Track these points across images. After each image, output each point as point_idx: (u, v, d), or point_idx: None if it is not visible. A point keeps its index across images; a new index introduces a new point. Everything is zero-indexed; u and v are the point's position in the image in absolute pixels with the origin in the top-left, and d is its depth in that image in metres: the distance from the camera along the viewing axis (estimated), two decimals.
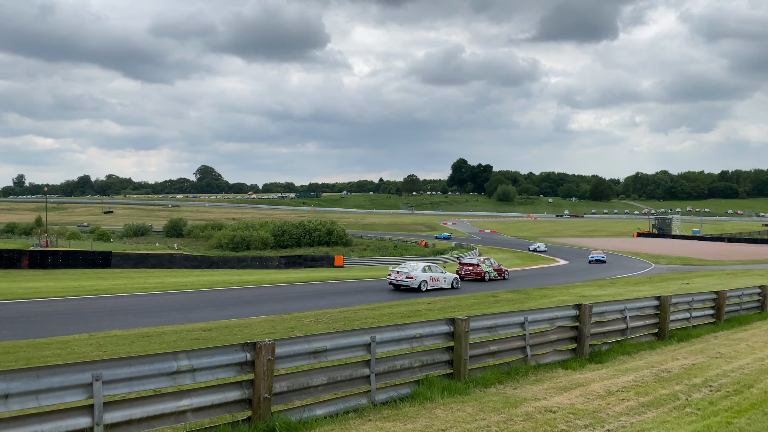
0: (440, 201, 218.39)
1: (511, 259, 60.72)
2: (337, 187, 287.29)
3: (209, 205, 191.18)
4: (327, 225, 79.53)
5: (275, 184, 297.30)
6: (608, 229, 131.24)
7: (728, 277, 33.58)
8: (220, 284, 28.85)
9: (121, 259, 42.70)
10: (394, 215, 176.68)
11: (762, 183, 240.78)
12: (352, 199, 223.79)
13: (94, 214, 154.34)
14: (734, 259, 59.33)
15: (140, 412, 5.55)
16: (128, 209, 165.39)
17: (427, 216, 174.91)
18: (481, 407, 7.10)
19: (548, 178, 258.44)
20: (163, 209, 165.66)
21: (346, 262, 51.09)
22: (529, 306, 18.83)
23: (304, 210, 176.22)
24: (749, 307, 16.36)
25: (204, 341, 12.83)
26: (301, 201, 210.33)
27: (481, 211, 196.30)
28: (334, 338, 7.11)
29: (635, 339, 11.67)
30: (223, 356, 6.18)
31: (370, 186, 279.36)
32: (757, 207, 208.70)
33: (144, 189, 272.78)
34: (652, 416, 6.89)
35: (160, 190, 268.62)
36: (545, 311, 9.97)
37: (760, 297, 16.85)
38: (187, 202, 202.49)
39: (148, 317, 17.38)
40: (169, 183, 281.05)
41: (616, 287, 27.87)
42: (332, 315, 17.26)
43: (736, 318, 15.20)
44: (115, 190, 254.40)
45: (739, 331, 13.64)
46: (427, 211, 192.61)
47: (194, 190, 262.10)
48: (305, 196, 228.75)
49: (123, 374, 5.52)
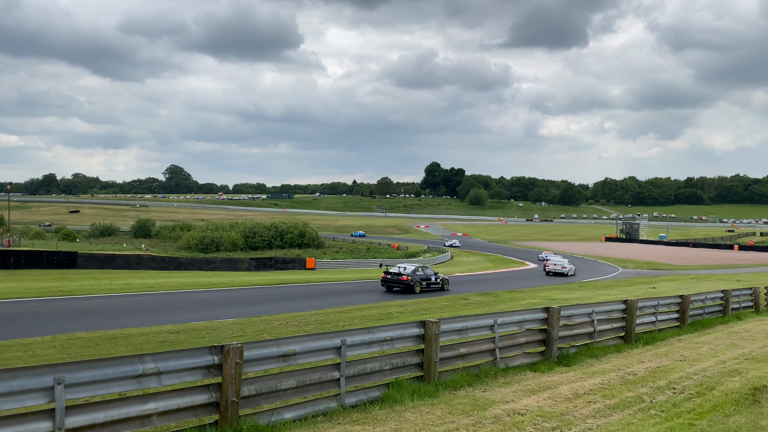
0: (413, 204, 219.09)
1: (482, 262, 61.19)
2: (309, 188, 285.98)
3: (178, 205, 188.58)
4: (299, 227, 79.06)
5: (246, 185, 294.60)
6: (577, 234, 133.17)
7: (693, 282, 34.36)
8: (188, 286, 28.47)
9: (87, 259, 41.86)
10: (367, 218, 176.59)
11: (725, 190, 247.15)
12: (324, 201, 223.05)
13: (60, 213, 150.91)
14: (699, 264, 60.74)
15: (104, 416, 5.44)
16: (95, 209, 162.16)
17: (401, 219, 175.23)
18: (450, 410, 7.12)
19: (519, 183, 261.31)
20: (131, 209, 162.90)
21: (318, 264, 50.87)
22: (498, 309, 18.99)
23: (276, 211, 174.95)
24: (712, 311, 16.75)
25: (171, 344, 12.65)
26: (272, 202, 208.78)
27: (454, 215, 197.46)
28: (304, 341, 7.07)
29: (602, 342, 11.84)
30: (190, 359, 6.09)
31: (343, 188, 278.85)
32: (721, 213, 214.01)
33: (112, 188, 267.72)
34: (617, 418, 7.00)
35: (128, 189, 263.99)
36: (514, 314, 10.06)
37: (723, 301, 17.27)
38: (156, 202, 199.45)
39: (115, 319, 17.06)
40: (137, 183, 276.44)
41: (584, 291, 28.28)
42: (303, 318, 17.17)
43: (700, 322, 15.55)
44: (82, 189, 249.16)
45: (702, 334, 13.95)
46: (400, 214, 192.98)
47: (163, 190, 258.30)
48: (277, 197, 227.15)
49: (86, 377, 5.40)
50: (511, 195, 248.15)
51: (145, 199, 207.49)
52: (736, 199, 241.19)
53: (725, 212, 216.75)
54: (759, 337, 13.37)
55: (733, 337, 13.41)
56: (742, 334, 13.78)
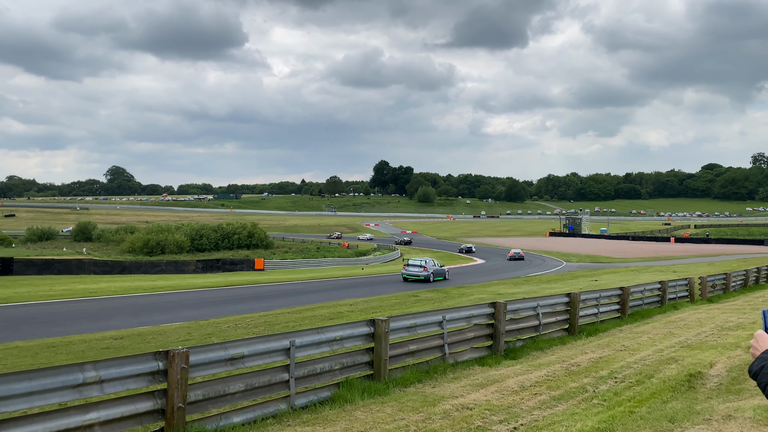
0: (363, 202, 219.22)
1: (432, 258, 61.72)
2: (257, 188, 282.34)
3: (121, 207, 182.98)
4: (247, 227, 77.92)
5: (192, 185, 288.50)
6: (522, 229, 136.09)
7: (632, 274, 35.62)
8: (132, 290, 27.68)
9: (24, 265, 40.20)
10: (316, 217, 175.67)
11: (661, 185, 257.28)
12: (273, 201, 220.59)
13: None
14: (638, 257, 62.99)
15: (42, 428, 5.24)
16: (32, 212, 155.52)
17: (350, 217, 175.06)
18: (401, 407, 7.17)
19: (466, 180, 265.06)
20: (71, 212, 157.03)
21: (268, 265, 50.30)
22: (447, 305, 19.22)
23: (223, 212, 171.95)
24: (650, 302, 17.43)
25: (115, 350, 12.28)
26: (219, 203, 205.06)
27: (403, 213, 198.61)
28: (252, 344, 6.99)
29: (547, 335, 12.15)
30: (133, 366, 5.94)
31: (291, 187, 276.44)
32: (658, 207, 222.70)
33: (50, 191, 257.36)
34: (562, 409, 7.20)
35: (68, 192, 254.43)
36: (462, 309, 10.21)
37: (660, 292, 17.98)
38: (97, 204, 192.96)
39: (54, 327, 16.43)
40: (77, 184, 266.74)
41: (529, 285, 28.93)
42: (252, 320, 16.95)
43: (639, 312, 16.15)
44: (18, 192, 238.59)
45: (641, 324, 14.49)
46: (349, 213, 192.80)
47: (105, 192, 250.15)
48: (224, 197, 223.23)
49: (21, 389, 5.18)
50: (459, 192, 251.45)
51: (85, 202, 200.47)
52: (672, 194, 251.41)
53: (662, 206, 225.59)
54: (693, 325, 13.99)
55: (670, 326, 13.98)
56: (678, 323, 14.39)
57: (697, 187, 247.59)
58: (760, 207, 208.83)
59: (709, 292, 21.21)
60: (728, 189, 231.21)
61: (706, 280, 21.06)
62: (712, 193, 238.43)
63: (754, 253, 65.75)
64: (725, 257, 58.75)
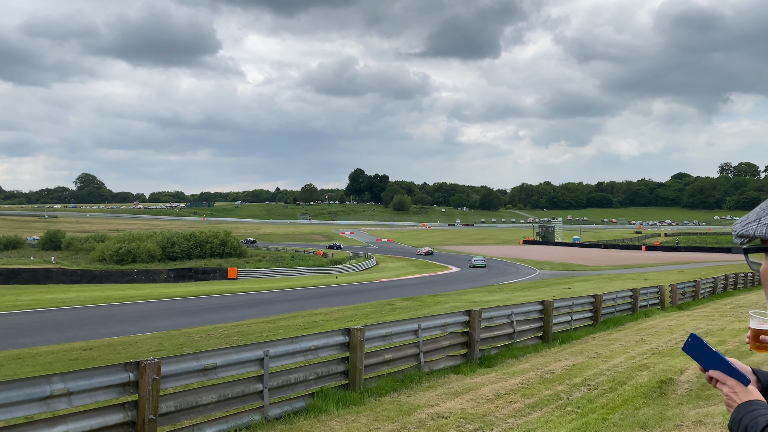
0: (338, 210, 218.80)
1: (406, 267, 61.84)
2: (231, 196, 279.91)
3: (91, 215, 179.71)
4: (220, 236, 77.06)
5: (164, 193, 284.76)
6: (497, 237, 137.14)
7: (605, 282, 36.09)
8: (102, 300, 27.15)
9: None
10: (291, 225, 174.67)
11: (632, 193, 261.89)
12: (246, 209, 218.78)
13: None
14: (610, 264, 63.87)
15: None
16: None
17: (325, 225, 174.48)
18: (376, 416, 7.14)
19: (441, 188, 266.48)
20: (38, 220, 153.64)
21: (241, 274, 49.82)
22: (423, 313, 19.23)
23: (196, 220, 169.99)
24: (622, 309, 17.65)
25: (84, 362, 12.00)
26: (192, 211, 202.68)
27: (378, 221, 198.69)
28: (225, 354, 6.90)
29: (522, 342, 12.22)
30: (103, 377, 5.81)
31: (266, 195, 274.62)
32: (629, 215, 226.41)
33: (17, 198, 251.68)
34: (536, 416, 7.23)
35: (36, 199, 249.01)
36: (437, 318, 10.22)
37: (632, 299, 18.23)
38: (67, 212, 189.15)
39: (20, 338, 16.02)
40: (45, 192, 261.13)
41: (504, 293, 29.11)
42: (225, 330, 16.73)
43: (612, 319, 16.35)
44: None
45: (614, 332, 14.67)
46: (325, 221, 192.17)
47: (74, 199, 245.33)
48: (196, 205, 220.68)
49: None
50: (434, 201, 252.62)
51: (54, 210, 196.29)
52: (643, 202, 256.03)
53: (633, 215, 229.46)
54: (664, 332, 14.20)
55: (641, 333, 14.18)
56: (649, 330, 14.60)
57: (667, 196, 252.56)
58: (727, 215, 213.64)
59: (679, 299, 21.58)
60: (697, 198, 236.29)
61: (676, 287, 21.43)
62: (681, 202, 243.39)
63: (722, 260, 67.16)
64: (695, 265, 59.91)
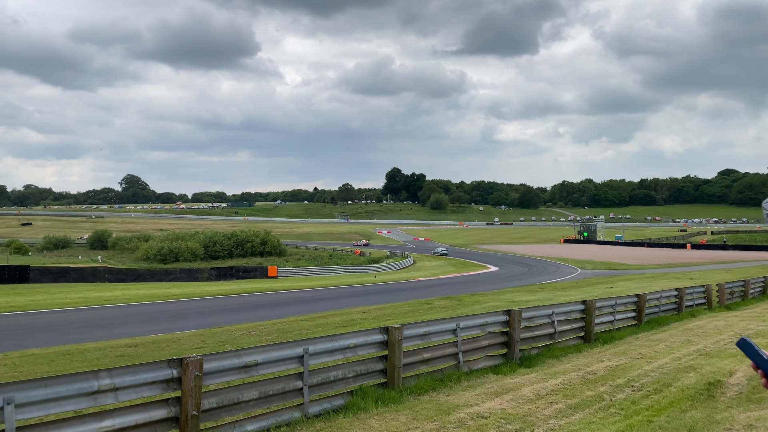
0: (375, 210, 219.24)
1: (444, 266, 61.60)
2: (270, 196, 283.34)
3: (135, 215, 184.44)
4: (260, 235, 78.16)
5: (206, 193, 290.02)
6: (536, 236, 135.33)
7: (648, 281, 35.25)
8: (147, 298, 27.84)
9: (40, 273, 40.63)
10: (329, 224, 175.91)
11: (677, 191, 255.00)
12: (286, 209, 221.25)
13: (11, 226, 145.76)
14: (653, 263, 62.38)
15: None
16: (48, 221, 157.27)
17: (363, 225, 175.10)
18: (415, 415, 7.12)
19: (479, 187, 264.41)
20: (86, 220, 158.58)
21: (281, 272, 50.41)
22: (461, 312, 19.12)
23: (237, 220, 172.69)
24: (667, 309, 17.21)
25: (129, 358, 12.32)
26: (233, 211, 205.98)
27: (415, 220, 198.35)
28: (266, 351, 6.97)
29: (563, 343, 12.03)
30: (147, 373, 5.95)
31: (304, 195, 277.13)
32: (674, 213, 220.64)
33: (66, 199, 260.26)
34: (579, 418, 7.10)
35: (83, 200, 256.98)
36: (476, 317, 10.14)
37: (677, 299, 17.76)
38: (112, 213, 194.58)
39: (69, 334, 16.55)
40: (92, 193, 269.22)
41: (544, 292, 28.72)
42: (265, 327, 16.96)
43: (656, 320, 15.95)
44: (34, 201, 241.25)
45: (658, 332, 14.31)
46: (362, 220, 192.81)
47: (119, 200, 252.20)
48: (237, 205, 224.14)
49: (38, 396, 5.21)
50: (472, 199, 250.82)
51: (100, 210, 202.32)
52: (688, 200, 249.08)
53: (677, 212, 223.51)
54: (712, 333, 13.79)
55: (687, 333, 13.80)
56: (696, 331, 14.19)
57: (714, 193, 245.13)
58: None
59: (727, 299, 20.91)
60: (745, 194, 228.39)
61: (723, 287, 20.78)
62: (728, 199, 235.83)
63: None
64: (743, 264, 58.00)
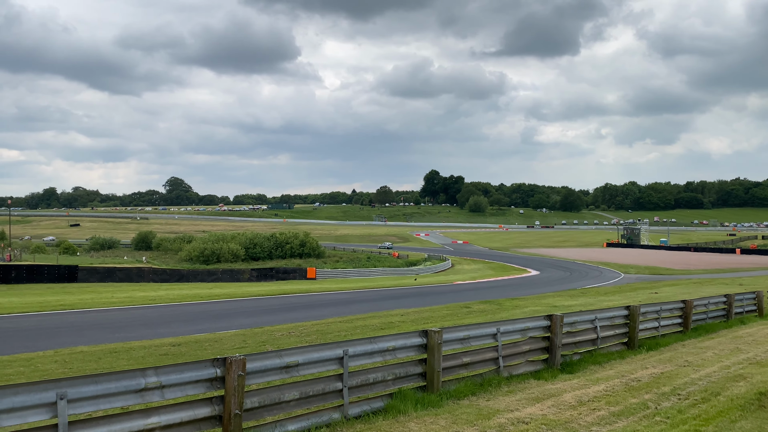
0: (413, 212, 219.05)
1: (483, 269, 61.10)
2: (309, 198, 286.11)
3: (179, 217, 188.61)
4: (300, 237, 79.01)
5: (247, 195, 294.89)
6: (578, 240, 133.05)
7: (695, 286, 34.26)
8: (189, 298, 28.42)
9: (88, 273, 41.87)
10: (367, 226, 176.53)
11: (726, 194, 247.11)
12: (324, 211, 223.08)
13: (60, 227, 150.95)
14: (700, 269, 60.61)
15: (106, 430, 5.41)
16: (95, 222, 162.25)
17: (401, 227, 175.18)
18: (455, 420, 7.08)
19: (519, 190, 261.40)
20: (131, 222, 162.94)
21: (319, 274, 50.82)
22: (501, 317, 18.93)
23: (276, 222, 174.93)
24: (715, 316, 16.70)
25: (173, 357, 12.60)
26: (273, 213, 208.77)
27: (454, 222, 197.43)
28: (306, 352, 7.04)
29: (606, 349, 11.80)
30: (192, 372, 6.08)
31: (342, 197, 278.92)
32: (722, 217, 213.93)
33: (112, 201, 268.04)
34: (622, 425, 6.96)
35: (129, 202, 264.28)
36: (517, 322, 10.03)
37: (726, 306, 17.21)
38: (156, 214, 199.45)
39: (116, 332, 17.02)
40: (137, 195, 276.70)
41: (586, 297, 28.20)
42: (305, 328, 17.11)
43: (703, 326, 15.49)
44: (82, 203, 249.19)
45: (705, 339, 13.90)
46: (400, 222, 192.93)
47: (163, 202, 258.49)
48: (277, 207, 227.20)
49: (89, 392, 5.38)
50: (512, 202, 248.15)
51: (145, 212, 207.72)
52: (737, 203, 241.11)
53: (726, 216, 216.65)
54: (763, 341, 13.32)
55: (737, 341, 13.36)
56: (746, 339, 13.73)
57: (765, 196, 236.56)
58: None
59: None
60: None
61: None
62: None
63: None
64: None
